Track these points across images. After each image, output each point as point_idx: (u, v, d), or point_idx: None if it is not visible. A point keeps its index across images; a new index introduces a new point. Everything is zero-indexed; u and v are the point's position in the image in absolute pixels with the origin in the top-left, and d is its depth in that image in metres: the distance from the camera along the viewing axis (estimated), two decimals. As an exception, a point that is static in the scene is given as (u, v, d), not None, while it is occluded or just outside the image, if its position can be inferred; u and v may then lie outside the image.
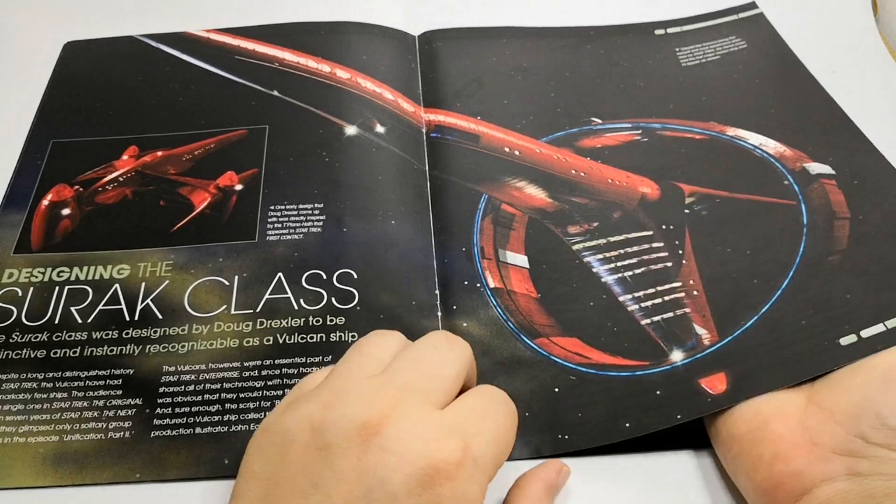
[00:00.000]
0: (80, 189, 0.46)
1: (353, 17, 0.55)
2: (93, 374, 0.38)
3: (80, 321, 0.40)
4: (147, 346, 0.38)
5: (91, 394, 0.37)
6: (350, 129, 0.48)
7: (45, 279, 0.41)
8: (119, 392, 0.37)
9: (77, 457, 0.35)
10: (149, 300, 0.40)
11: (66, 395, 0.37)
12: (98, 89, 0.51)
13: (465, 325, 0.39)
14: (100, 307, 0.40)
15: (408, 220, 0.43)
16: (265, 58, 0.53)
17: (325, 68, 0.52)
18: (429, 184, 0.46)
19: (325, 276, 0.41)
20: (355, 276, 0.41)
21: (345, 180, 0.45)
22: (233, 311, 0.40)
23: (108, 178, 0.46)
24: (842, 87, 0.49)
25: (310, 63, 0.52)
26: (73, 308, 0.40)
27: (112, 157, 0.47)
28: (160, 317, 0.40)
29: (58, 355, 0.38)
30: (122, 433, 0.36)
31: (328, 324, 0.39)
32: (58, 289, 0.41)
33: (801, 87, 0.50)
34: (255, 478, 0.27)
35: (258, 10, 0.56)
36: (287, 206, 0.44)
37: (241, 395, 0.37)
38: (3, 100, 0.52)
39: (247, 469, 0.27)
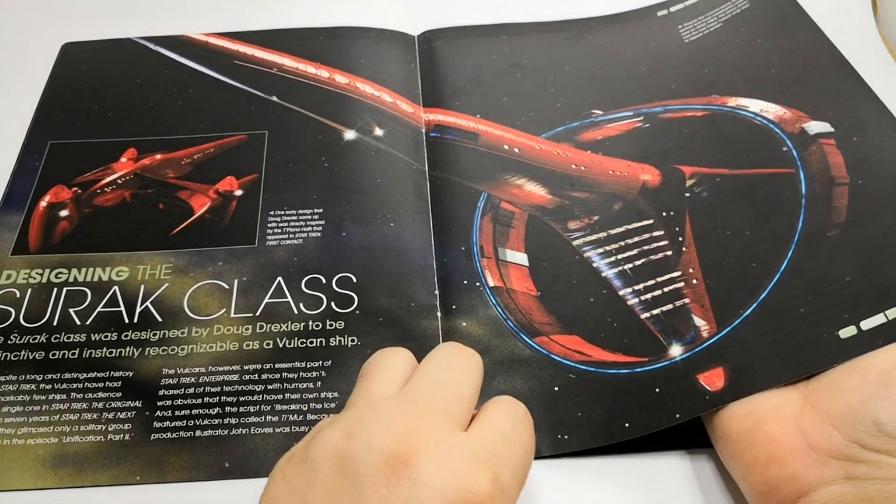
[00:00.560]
0: (79, 191, 0.46)
1: (352, 20, 0.55)
2: (92, 375, 0.38)
3: (78, 323, 0.40)
4: (147, 349, 0.39)
5: (90, 396, 0.37)
6: (349, 134, 0.48)
7: (44, 280, 0.41)
8: (118, 394, 0.37)
9: (76, 459, 0.35)
10: (148, 303, 0.40)
11: (65, 396, 0.37)
12: (96, 91, 0.51)
13: (465, 324, 0.39)
14: (99, 309, 0.40)
15: (407, 222, 0.44)
16: (264, 63, 0.53)
17: (323, 73, 0.52)
18: (428, 184, 0.46)
19: (324, 281, 0.41)
20: (355, 279, 0.41)
21: (344, 185, 0.46)
22: (232, 315, 0.40)
23: (107, 180, 0.46)
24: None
25: (308, 68, 0.52)
26: (71, 310, 0.40)
27: (110, 160, 0.47)
28: (160, 319, 0.40)
29: (56, 357, 0.38)
30: (121, 435, 0.36)
31: (328, 328, 0.39)
32: (56, 290, 0.41)
33: (803, 37, 0.49)
34: None
35: (257, 14, 0.57)
36: (287, 212, 0.44)
37: (241, 399, 0.37)
38: (0, 100, 0.51)
39: (270, 498, 0.26)
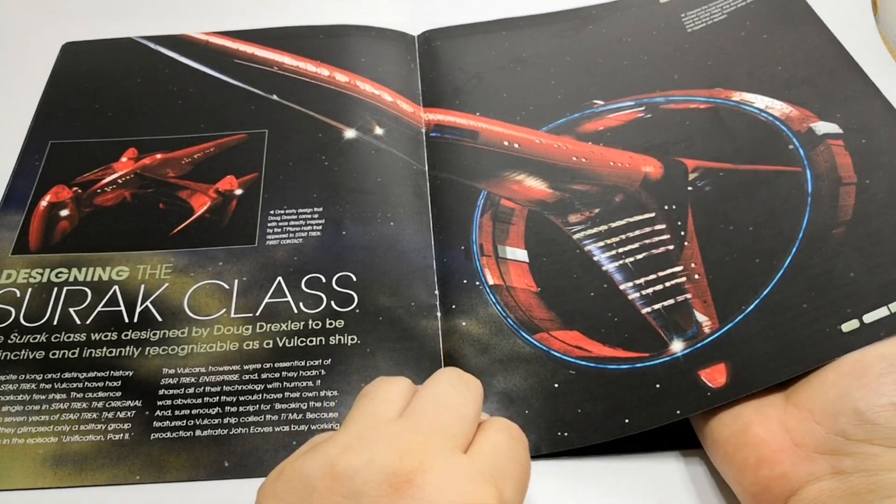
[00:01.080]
0: (79, 190, 0.46)
1: (352, 19, 0.55)
2: (92, 375, 0.38)
3: (78, 322, 0.40)
4: (147, 349, 0.39)
5: (90, 395, 0.37)
6: (349, 133, 0.48)
7: (44, 280, 0.41)
8: (118, 394, 0.37)
9: (76, 458, 0.35)
10: (148, 302, 0.40)
11: (65, 396, 0.37)
12: (96, 91, 0.51)
13: (465, 324, 0.39)
14: (99, 308, 0.40)
15: (407, 222, 0.44)
16: (264, 62, 0.53)
17: (323, 72, 0.52)
18: (428, 184, 0.46)
19: (324, 280, 0.41)
20: (354, 278, 0.41)
21: (344, 184, 0.45)
22: (233, 315, 0.40)
23: (107, 179, 0.46)
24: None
25: (308, 67, 0.52)
26: (71, 309, 0.40)
27: (111, 159, 0.47)
28: (160, 319, 0.40)
29: (56, 356, 0.38)
30: (121, 435, 0.36)
31: (328, 327, 0.39)
32: (56, 290, 0.41)
33: (810, 35, 0.49)
34: None
35: (257, 13, 0.57)
36: (287, 211, 0.44)
37: (241, 398, 0.37)
38: (1, 100, 0.51)
39: None
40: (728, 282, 0.38)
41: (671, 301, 0.38)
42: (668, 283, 0.39)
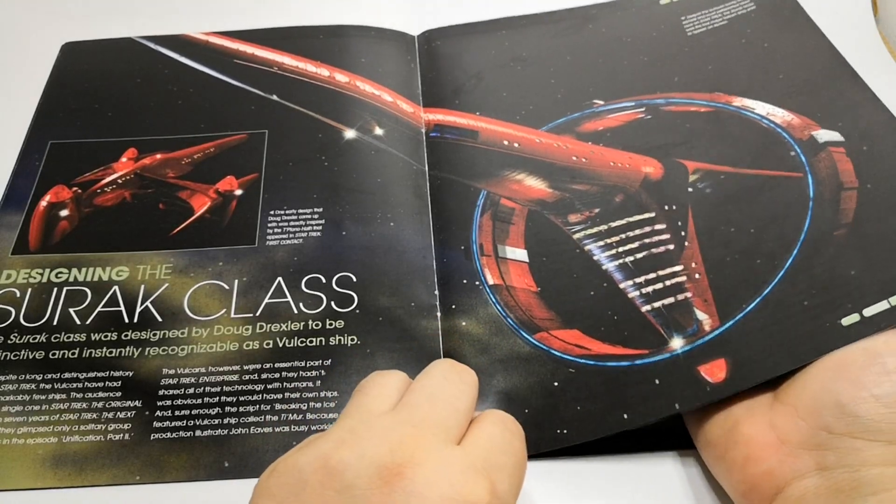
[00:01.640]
0: (79, 190, 0.46)
1: (352, 19, 0.55)
2: (92, 375, 0.38)
3: (78, 322, 0.40)
4: (146, 349, 0.39)
5: (90, 395, 0.37)
6: (349, 133, 0.48)
7: (44, 280, 0.41)
8: (118, 394, 0.37)
9: (76, 458, 0.35)
10: (148, 302, 0.40)
11: (64, 396, 0.37)
12: (96, 91, 0.51)
13: (464, 324, 0.39)
14: (99, 309, 0.40)
15: (407, 222, 0.44)
16: (264, 62, 0.53)
17: (323, 72, 0.52)
18: (428, 184, 0.46)
19: (324, 280, 0.41)
20: (354, 279, 0.41)
21: (344, 184, 0.45)
22: (233, 315, 0.40)
23: (107, 180, 0.46)
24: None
25: (308, 67, 0.52)
26: (71, 309, 0.40)
27: (111, 160, 0.47)
28: (160, 319, 0.40)
29: (56, 356, 0.38)
30: (121, 435, 0.36)
31: (328, 327, 0.39)
32: (56, 290, 0.41)
33: (811, 45, 0.49)
34: None
35: (257, 13, 0.57)
36: (287, 211, 0.44)
37: (241, 399, 0.37)
38: (1, 100, 0.51)
39: None
40: (729, 281, 0.38)
41: (671, 299, 0.38)
42: (668, 282, 0.39)
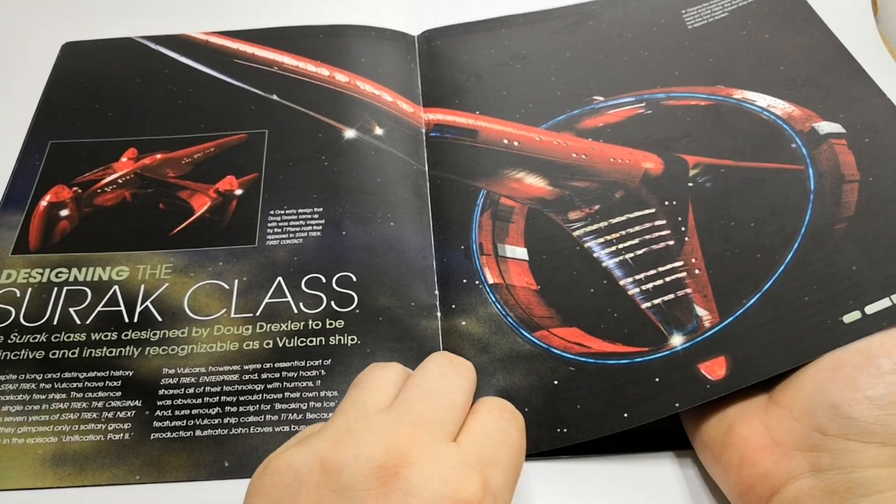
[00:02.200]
0: (79, 190, 0.46)
1: (352, 19, 0.55)
2: (92, 375, 0.38)
3: (78, 322, 0.40)
4: (147, 348, 0.39)
5: (90, 395, 0.37)
6: (349, 133, 0.48)
7: (44, 280, 0.41)
8: (118, 394, 0.37)
9: (76, 458, 0.35)
10: (148, 302, 0.40)
11: (64, 396, 0.37)
12: (96, 91, 0.51)
13: (464, 323, 0.39)
14: (99, 308, 0.40)
15: (407, 222, 0.44)
16: (264, 61, 0.53)
17: (323, 72, 0.52)
18: (428, 184, 0.46)
19: (324, 280, 0.41)
20: (354, 279, 0.41)
21: (344, 184, 0.45)
22: (233, 315, 0.40)
23: (107, 179, 0.46)
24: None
25: (308, 67, 0.52)
26: (71, 309, 0.40)
27: (111, 159, 0.47)
28: (160, 319, 0.40)
29: (56, 356, 0.38)
30: (121, 435, 0.36)
31: (328, 327, 0.39)
32: (56, 289, 0.41)
33: (813, 37, 0.49)
34: None
35: (257, 13, 0.57)
36: (287, 211, 0.44)
37: (241, 399, 0.37)
38: (1, 100, 0.51)
39: None
40: (729, 276, 0.38)
41: (671, 296, 0.38)
42: (668, 278, 0.39)
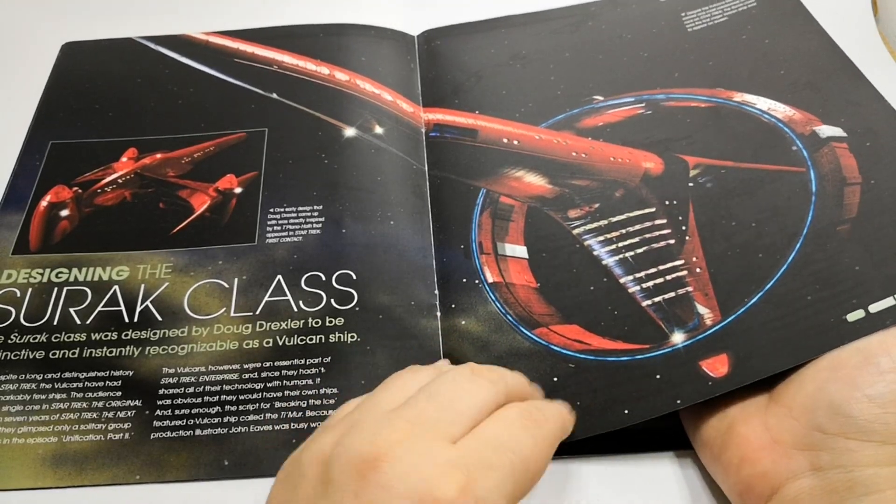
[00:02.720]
0: (79, 190, 0.46)
1: (352, 19, 0.55)
2: (92, 375, 0.38)
3: (79, 322, 0.40)
4: (147, 348, 0.38)
5: (90, 395, 0.37)
6: (349, 131, 0.48)
7: (44, 280, 0.41)
8: (118, 393, 0.37)
9: (76, 458, 0.35)
10: (148, 302, 0.40)
11: (65, 395, 0.37)
12: (97, 91, 0.51)
13: (464, 322, 0.39)
14: (99, 308, 0.40)
15: (407, 221, 0.44)
16: (264, 60, 0.53)
17: (323, 70, 0.52)
18: (428, 183, 0.46)
19: (324, 278, 0.41)
20: (354, 277, 0.41)
21: (344, 182, 0.45)
22: (232, 314, 0.40)
23: (107, 179, 0.46)
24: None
25: (308, 66, 0.52)
26: (72, 309, 0.40)
27: (111, 159, 0.47)
28: (160, 319, 0.40)
29: (57, 356, 0.38)
30: (121, 434, 0.36)
31: (328, 325, 0.39)
32: (56, 290, 0.41)
33: (812, 42, 0.49)
34: None
35: (257, 12, 0.57)
36: (286, 209, 0.44)
37: (241, 397, 0.37)
38: (1, 100, 0.51)
39: (271, 498, 0.27)
40: (730, 275, 0.38)
41: (672, 294, 0.38)
42: (668, 277, 0.39)
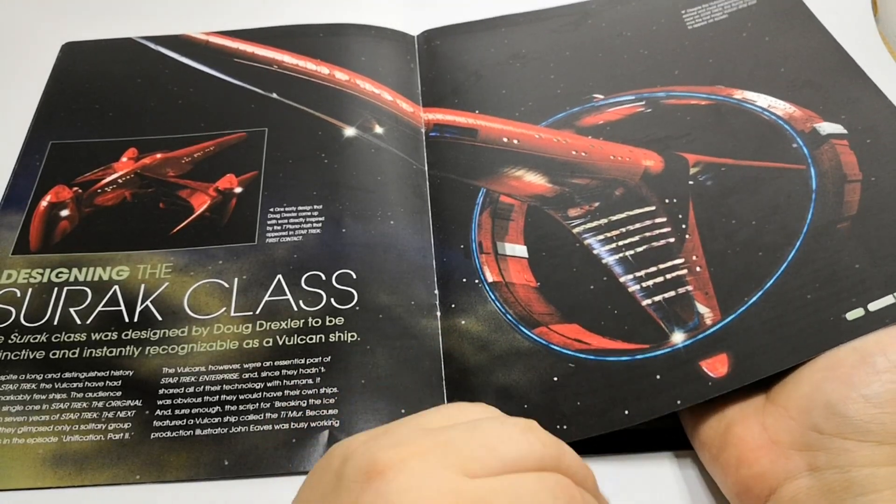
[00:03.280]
0: (79, 190, 0.46)
1: (352, 18, 0.55)
2: (92, 375, 0.38)
3: (79, 322, 0.40)
4: (147, 348, 0.38)
5: (90, 395, 0.37)
6: (349, 131, 0.48)
7: (44, 280, 0.41)
8: (118, 393, 0.37)
9: (76, 458, 0.35)
10: (148, 302, 0.40)
11: (65, 395, 0.37)
12: (97, 91, 0.51)
13: (464, 322, 0.39)
14: (99, 308, 0.40)
15: (407, 221, 0.44)
16: (264, 60, 0.53)
17: (323, 70, 0.52)
18: (428, 183, 0.46)
19: (324, 277, 0.41)
20: (354, 276, 0.41)
21: (344, 182, 0.45)
22: (232, 314, 0.40)
23: (108, 179, 0.46)
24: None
25: (308, 65, 0.52)
26: (72, 309, 0.40)
27: (111, 159, 0.47)
28: (160, 318, 0.40)
29: (57, 356, 0.38)
30: (121, 434, 0.36)
31: (328, 324, 0.39)
32: (57, 290, 0.41)
33: (813, 40, 0.49)
34: (300, 497, 0.27)
35: (257, 12, 0.57)
36: (286, 209, 0.44)
37: (241, 397, 0.37)
38: (1, 100, 0.52)
39: (303, 486, 0.27)
40: (730, 274, 0.38)
41: (672, 293, 0.38)
42: (668, 276, 0.38)
